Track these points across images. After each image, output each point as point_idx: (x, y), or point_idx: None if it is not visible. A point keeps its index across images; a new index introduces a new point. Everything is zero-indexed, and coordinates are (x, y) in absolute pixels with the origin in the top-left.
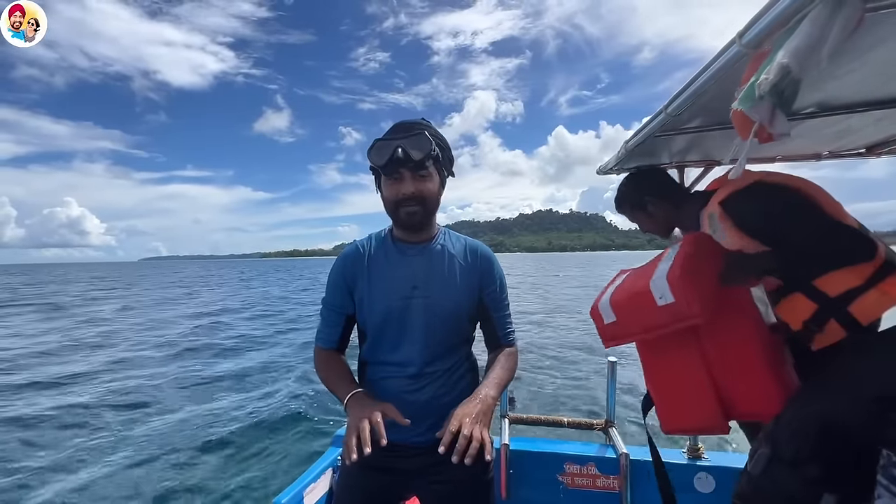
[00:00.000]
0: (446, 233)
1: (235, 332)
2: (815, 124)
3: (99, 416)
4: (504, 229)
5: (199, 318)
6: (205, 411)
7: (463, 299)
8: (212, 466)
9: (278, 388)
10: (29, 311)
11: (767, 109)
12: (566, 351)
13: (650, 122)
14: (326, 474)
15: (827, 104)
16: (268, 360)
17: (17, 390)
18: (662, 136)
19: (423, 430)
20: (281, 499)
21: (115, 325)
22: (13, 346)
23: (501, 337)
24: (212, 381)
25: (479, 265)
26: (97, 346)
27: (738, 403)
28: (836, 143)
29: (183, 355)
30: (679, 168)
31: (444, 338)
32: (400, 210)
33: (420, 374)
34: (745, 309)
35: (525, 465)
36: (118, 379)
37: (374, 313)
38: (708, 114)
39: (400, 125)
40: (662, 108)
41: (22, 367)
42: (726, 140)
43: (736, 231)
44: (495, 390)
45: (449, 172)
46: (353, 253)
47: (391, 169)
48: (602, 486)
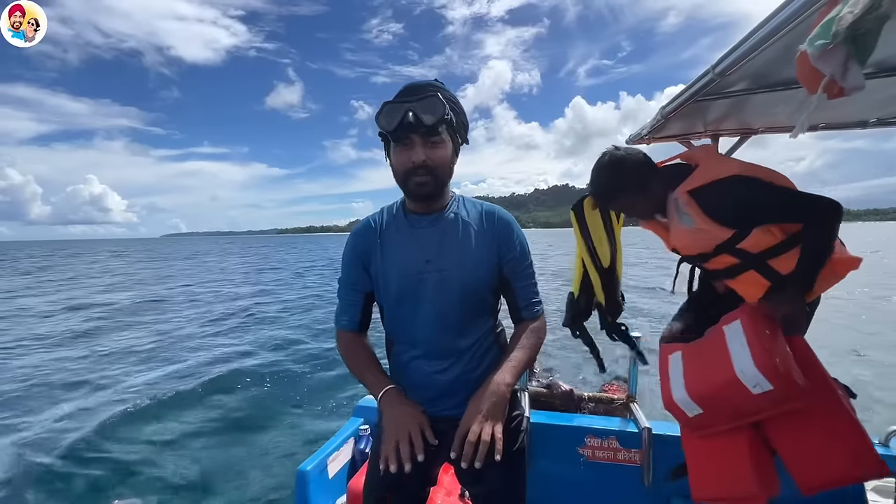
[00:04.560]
0: (460, 200)
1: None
2: (869, 86)
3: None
4: (519, 205)
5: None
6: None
7: (481, 270)
8: (236, 438)
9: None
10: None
11: (840, 59)
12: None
13: (693, 84)
14: (349, 443)
15: (884, 63)
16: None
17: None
18: (703, 100)
19: (455, 405)
20: (306, 466)
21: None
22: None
23: (524, 308)
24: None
25: (497, 230)
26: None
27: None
28: (885, 110)
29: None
30: (713, 137)
31: (463, 312)
32: (410, 180)
33: (443, 352)
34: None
35: (545, 438)
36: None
37: (390, 289)
38: (756, 75)
39: (410, 87)
40: (710, 68)
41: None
42: (768, 106)
43: (704, 218)
44: (511, 376)
45: (463, 139)
46: (365, 228)
47: (401, 134)
48: (623, 460)
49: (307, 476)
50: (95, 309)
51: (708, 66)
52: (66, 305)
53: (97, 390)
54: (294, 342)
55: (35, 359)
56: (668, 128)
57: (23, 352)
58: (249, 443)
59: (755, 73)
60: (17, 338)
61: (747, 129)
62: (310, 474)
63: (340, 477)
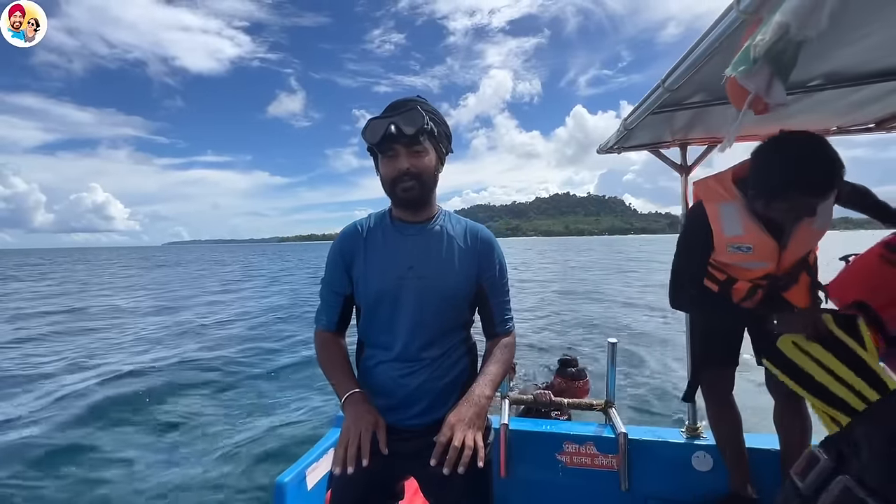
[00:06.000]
0: (446, 214)
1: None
2: (822, 98)
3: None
4: (520, 213)
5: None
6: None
7: (460, 282)
8: (210, 450)
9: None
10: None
11: (763, 77)
12: (568, 330)
13: (648, 98)
14: (328, 454)
15: (835, 75)
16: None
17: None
18: (662, 112)
19: (417, 413)
20: (284, 478)
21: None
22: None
23: (498, 324)
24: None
25: (479, 249)
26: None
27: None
28: (844, 118)
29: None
30: (682, 146)
31: (438, 320)
32: (397, 187)
33: (413, 357)
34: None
35: (524, 445)
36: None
37: (369, 292)
38: (710, 88)
39: (393, 103)
40: (660, 82)
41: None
42: (729, 116)
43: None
44: (490, 389)
45: (447, 149)
46: (351, 232)
47: (385, 146)
48: (600, 465)
49: (285, 488)
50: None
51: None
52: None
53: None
54: (275, 351)
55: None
56: (635, 137)
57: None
58: (225, 454)
59: (709, 86)
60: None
61: (714, 138)
62: (288, 486)
63: (320, 488)
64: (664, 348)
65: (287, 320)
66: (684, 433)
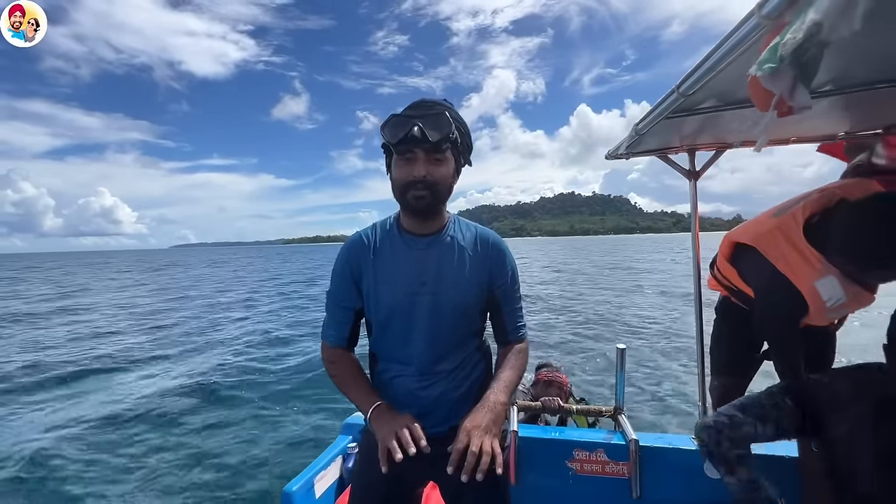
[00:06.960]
0: (456, 221)
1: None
2: (831, 103)
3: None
4: (525, 213)
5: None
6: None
7: (472, 294)
8: (222, 453)
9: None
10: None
11: (788, 80)
12: (577, 338)
13: (661, 103)
14: (336, 462)
15: (845, 81)
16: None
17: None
18: (674, 117)
19: (436, 423)
20: (292, 486)
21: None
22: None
23: (511, 332)
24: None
25: (490, 256)
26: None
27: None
28: (852, 124)
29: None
30: (690, 151)
31: (451, 334)
32: (408, 193)
33: (429, 371)
34: None
35: (533, 452)
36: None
37: (380, 309)
38: (722, 93)
39: (420, 102)
40: (675, 87)
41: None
42: (739, 121)
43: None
44: (505, 395)
45: (466, 161)
46: (357, 244)
47: (405, 147)
48: (611, 472)
49: (293, 497)
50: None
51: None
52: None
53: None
54: (283, 356)
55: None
56: (644, 143)
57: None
58: (232, 462)
59: (721, 91)
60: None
61: (722, 144)
62: (295, 495)
63: (328, 497)
64: (677, 354)
65: (294, 326)
66: (696, 440)
